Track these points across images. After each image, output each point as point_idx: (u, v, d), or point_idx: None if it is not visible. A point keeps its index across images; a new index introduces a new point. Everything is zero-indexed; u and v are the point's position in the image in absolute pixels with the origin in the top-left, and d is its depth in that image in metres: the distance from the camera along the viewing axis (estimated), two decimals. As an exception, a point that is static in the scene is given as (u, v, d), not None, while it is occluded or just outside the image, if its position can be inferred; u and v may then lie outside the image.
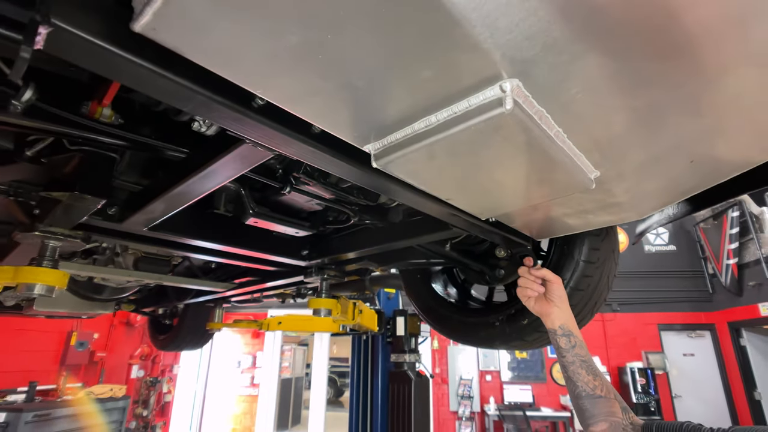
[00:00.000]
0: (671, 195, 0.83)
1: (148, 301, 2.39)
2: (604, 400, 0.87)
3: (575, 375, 0.90)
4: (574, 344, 0.92)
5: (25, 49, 0.35)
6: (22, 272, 0.92)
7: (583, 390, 0.89)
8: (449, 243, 1.31)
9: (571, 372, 0.91)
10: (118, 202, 0.92)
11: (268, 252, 1.20)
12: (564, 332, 0.93)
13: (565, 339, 0.92)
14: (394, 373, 2.71)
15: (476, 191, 0.68)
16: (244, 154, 0.62)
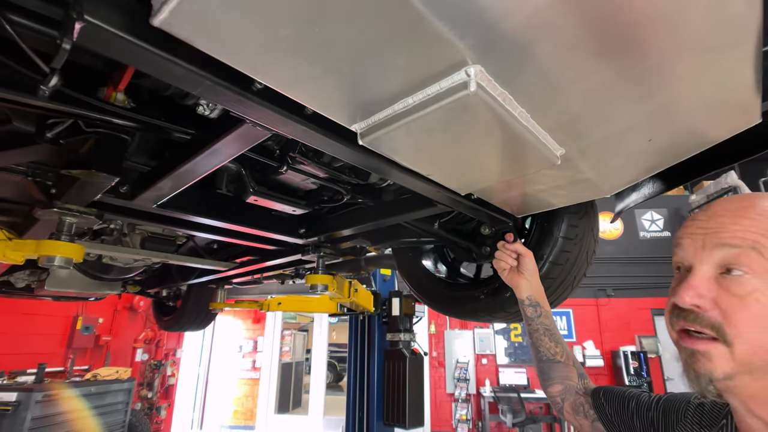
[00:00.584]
0: (636, 172, 0.91)
1: (152, 281, 2.48)
2: (562, 365, 0.97)
3: (539, 341, 1.00)
4: (540, 314, 1.01)
5: (67, 41, 0.43)
6: (44, 245, 1.00)
7: (544, 355, 0.99)
8: (437, 222, 1.40)
9: (535, 338, 1.01)
10: (129, 180, 1.00)
11: (267, 230, 1.28)
12: (531, 303, 1.03)
13: (531, 309, 1.02)
14: (390, 351, 2.83)
15: (453, 167, 0.76)
16: (244, 133, 0.69)
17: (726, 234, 0.55)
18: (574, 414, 0.92)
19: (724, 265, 0.55)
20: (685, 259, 0.59)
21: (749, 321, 0.51)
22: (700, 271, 0.56)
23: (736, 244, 0.54)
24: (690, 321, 0.56)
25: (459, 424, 8.01)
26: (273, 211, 1.32)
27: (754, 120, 0.80)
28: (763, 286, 0.51)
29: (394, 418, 2.68)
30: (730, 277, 0.54)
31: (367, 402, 2.88)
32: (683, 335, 0.57)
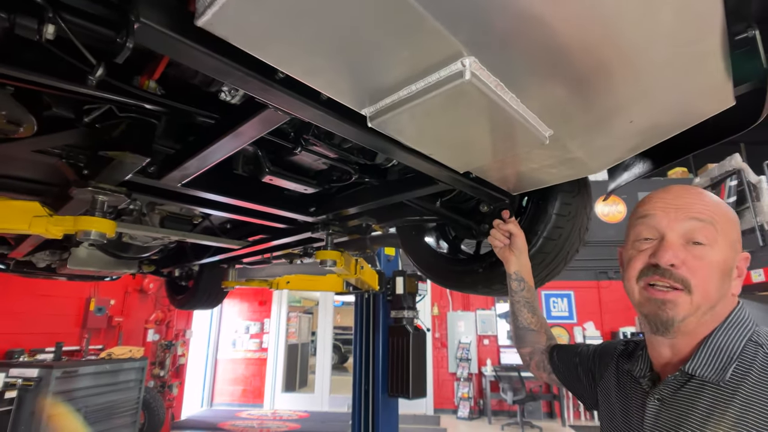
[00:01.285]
0: (621, 151, 0.99)
1: (167, 261, 2.60)
2: (535, 333, 1.15)
3: (519, 311, 1.16)
4: (523, 288, 1.15)
5: (130, 40, 0.51)
6: (81, 221, 1.10)
7: (521, 323, 1.16)
8: (439, 201, 1.49)
9: (516, 309, 1.17)
10: (156, 162, 1.10)
11: (280, 208, 1.38)
12: (517, 277, 1.16)
13: (516, 283, 1.16)
14: (394, 327, 2.95)
15: (452, 146, 0.85)
16: (267, 117, 0.78)
17: (694, 210, 0.71)
18: (537, 369, 1.14)
19: (690, 235, 0.70)
20: (659, 228, 0.73)
21: (704, 277, 0.68)
22: (672, 239, 0.71)
23: (701, 219, 0.70)
24: (666, 277, 0.70)
25: (461, 401, 8.25)
26: (285, 191, 1.41)
27: (728, 103, 0.87)
28: (712, 252, 0.69)
29: (397, 390, 2.83)
30: (695, 245, 0.70)
31: (372, 375, 3.02)
32: (650, 290, 0.72)
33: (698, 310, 0.68)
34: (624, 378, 0.84)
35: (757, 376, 0.63)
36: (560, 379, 1.06)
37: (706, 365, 0.67)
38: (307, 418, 8.02)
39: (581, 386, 0.99)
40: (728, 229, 0.71)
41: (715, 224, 0.69)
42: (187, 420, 7.60)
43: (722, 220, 0.71)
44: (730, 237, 0.71)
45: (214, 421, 7.52)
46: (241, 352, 9.21)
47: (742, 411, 0.61)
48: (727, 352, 0.66)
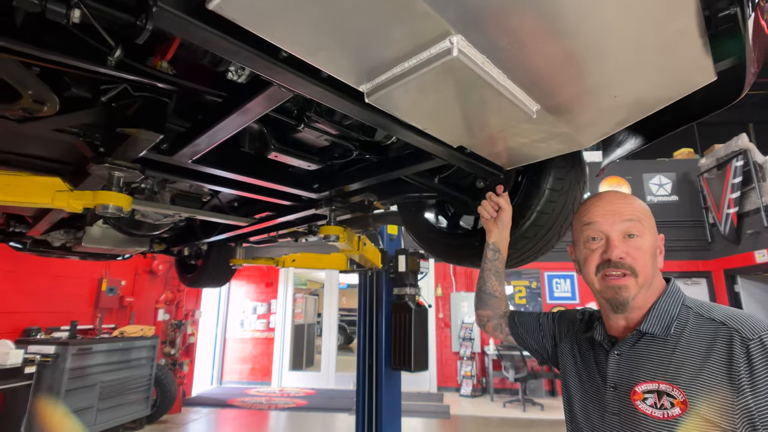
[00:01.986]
0: (608, 125, 1.04)
1: (177, 239, 2.69)
2: (497, 300, 1.29)
3: (488, 278, 1.29)
4: (497, 258, 1.28)
5: (150, 23, 0.57)
6: (100, 195, 1.18)
7: (488, 289, 1.29)
8: (437, 177, 1.55)
9: (486, 276, 1.29)
10: (168, 139, 1.16)
11: (285, 184, 1.45)
12: (494, 248, 1.28)
13: (492, 252, 1.28)
14: (396, 303, 3.05)
15: (444, 121, 0.90)
16: (272, 94, 0.84)
17: (627, 213, 0.94)
18: (493, 330, 1.30)
19: (627, 232, 0.93)
20: (602, 231, 0.95)
21: (643, 262, 0.91)
22: (617, 237, 0.93)
23: (632, 219, 0.93)
24: (619, 268, 0.91)
25: (464, 380, 8.45)
26: (290, 168, 1.48)
27: (709, 78, 0.92)
28: (643, 242, 0.92)
29: (400, 363, 2.94)
30: (631, 239, 0.92)
31: (375, 349, 3.13)
32: (607, 279, 0.93)
33: (642, 287, 0.90)
34: (583, 343, 1.05)
35: (690, 330, 0.85)
36: (516, 339, 1.25)
37: (656, 325, 0.88)
38: (313, 395, 8.27)
39: (540, 345, 1.19)
40: (650, 221, 0.95)
41: (641, 220, 0.93)
42: (197, 396, 7.86)
43: (645, 215, 0.94)
44: (651, 226, 0.94)
45: (223, 398, 7.78)
46: (249, 332, 9.44)
47: (682, 355, 0.83)
48: (668, 315, 0.88)
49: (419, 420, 6.64)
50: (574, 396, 1.01)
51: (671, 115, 1.24)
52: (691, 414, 0.77)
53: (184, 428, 6.03)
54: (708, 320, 0.84)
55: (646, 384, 0.84)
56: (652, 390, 0.83)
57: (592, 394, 0.96)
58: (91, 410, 4.86)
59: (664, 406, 0.80)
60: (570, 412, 1.02)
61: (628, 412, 0.86)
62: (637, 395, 0.85)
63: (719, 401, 0.75)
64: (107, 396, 5.08)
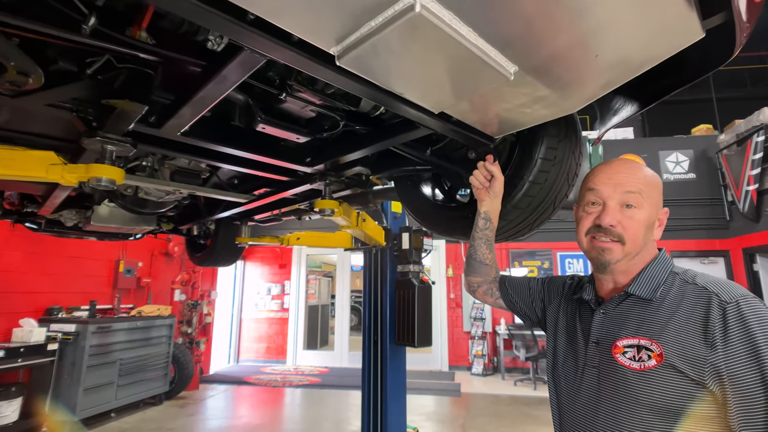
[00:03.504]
0: (593, 87, 1.02)
1: (183, 218, 2.75)
2: (488, 267, 1.33)
3: (478, 247, 1.32)
4: (488, 227, 1.30)
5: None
6: (92, 168, 1.21)
7: (478, 257, 1.32)
8: (429, 149, 1.54)
9: (477, 244, 1.32)
10: (155, 111, 1.18)
11: (277, 158, 1.46)
12: (485, 217, 1.30)
13: (483, 221, 1.31)
14: (400, 281, 3.08)
15: (420, 85, 0.89)
16: (245, 60, 0.84)
17: (629, 185, 0.96)
18: (483, 294, 1.34)
19: (625, 202, 0.96)
20: (601, 197, 0.99)
21: (633, 232, 0.95)
22: (613, 206, 0.96)
23: (632, 191, 0.96)
24: (608, 234, 0.96)
25: (475, 359, 8.54)
26: (281, 141, 1.49)
27: (697, 35, 0.89)
28: (639, 213, 0.95)
29: (404, 339, 2.98)
30: (627, 209, 0.95)
31: (381, 326, 3.18)
32: (595, 241, 0.98)
33: (628, 255, 0.95)
34: (571, 304, 1.10)
35: (674, 292, 0.89)
36: (506, 302, 1.29)
37: (643, 287, 0.93)
38: (327, 373, 8.47)
39: (529, 308, 1.23)
40: (652, 194, 0.97)
41: (641, 193, 0.95)
42: (215, 374, 8.14)
43: (648, 188, 0.96)
44: (653, 200, 0.96)
45: (240, 376, 8.03)
46: (264, 312, 9.67)
47: (664, 314, 0.87)
48: (656, 279, 0.93)
49: (431, 397, 6.75)
50: (558, 354, 1.06)
51: (664, 77, 1.21)
52: (665, 365, 0.82)
53: (201, 404, 6.27)
54: (691, 285, 0.88)
55: (627, 339, 0.89)
56: (632, 345, 0.87)
57: (574, 349, 1.01)
58: (112, 386, 5.09)
59: (642, 358, 0.85)
60: (553, 370, 1.06)
61: (608, 364, 0.91)
62: (617, 349, 0.89)
63: (692, 355, 0.80)
64: (127, 372, 5.31)
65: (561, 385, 1.02)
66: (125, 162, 1.76)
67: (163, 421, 5.37)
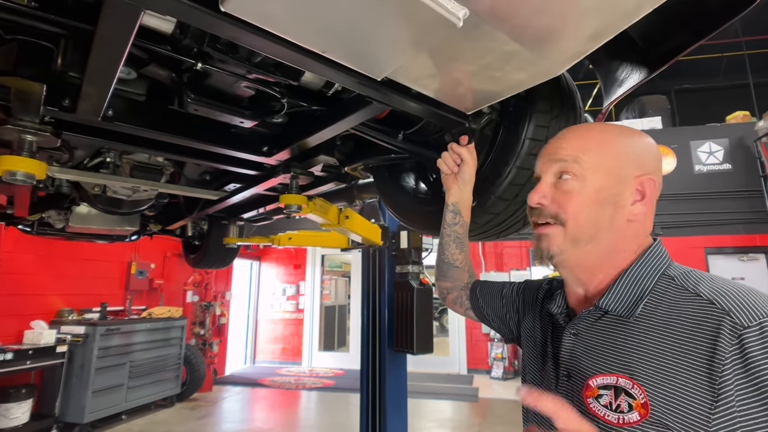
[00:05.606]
0: (576, 40, 0.79)
1: (166, 217, 2.64)
2: (458, 270, 1.11)
3: (447, 246, 1.11)
4: (458, 222, 1.09)
5: None
6: (4, 160, 1.07)
7: (447, 258, 1.11)
8: (402, 133, 1.34)
9: (445, 242, 1.11)
10: (71, 93, 1.03)
11: (227, 147, 1.29)
12: (454, 209, 1.09)
13: (452, 215, 1.09)
14: (399, 282, 2.88)
15: (346, 40, 0.70)
16: (124, 13, 0.67)
17: (560, 153, 0.75)
18: (453, 303, 1.13)
19: (560, 172, 0.74)
20: (538, 172, 0.79)
21: (573, 209, 0.71)
22: (545, 180, 0.76)
23: (565, 159, 0.73)
24: (541, 215, 0.75)
25: (494, 362, 8.22)
26: (232, 128, 1.32)
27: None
28: (579, 185, 0.72)
29: (402, 345, 2.78)
30: (561, 180, 0.74)
31: (378, 331, 2.99)
32: (534, 227, 0.77)
33: (576, 242, 0.71)
34: (545, 318, 0.85)
35: (667, 308, 0.62)
36: (476, 314, 1.07)
37: (619, 300, 0.67)
38: (342, 375, 8.34)
39: (503, 322, 1.00)
40: (603, 159, 0.72)
41: (580, 161, 0.72)
42: (230, 376, 8.13)
43: (592, 153, 0.73)
44: (606, 166, 0.72)
45: (254, 377, 8.00)
46: (279, 313, 9.63)
47: (651, 341, 0.61)
48: (638, 288, 0.67)
49: (447, 402, 6.51)
50: (531, 385, 0.81)
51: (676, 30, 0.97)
52: (651, 422, 0.57)
53: (213, 407, 6.24)
54: (693, 295, 0.61)
55: (602, 377, 0.64)
56: (608, 385, 0.63)
57: (544, 381, 0.77)
58: (122, 388, 5.09)
59: (621, 408, 0.60)
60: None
61: (579, 411, 0.64)
62: (590, 390, 0.65)
63: (689, 411, 0.55)
64: (137, 375, 5.30)
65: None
66: (88, 159, 1.64)
67: (172, 424, 5.34)
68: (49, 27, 0.87)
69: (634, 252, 0.70)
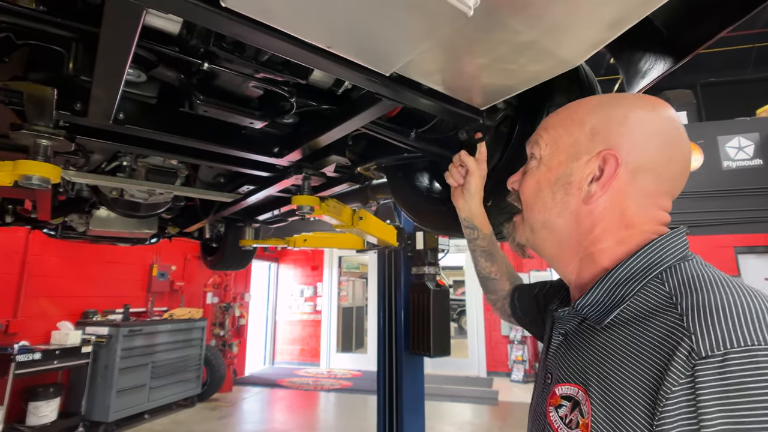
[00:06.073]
0: (596, 28, 0.75)
1: (183, 220, 2.67)
2: (496, 281, 1.05)
3: (476, 260, 1.06)
4: (477, 237, 1.03)
5: None
6: (20, 165, 1.08)
7: (480, 272, 1.07)
8: (414, 132, 1.30)
9: (474, 257, 1.07)
10: (82, 97, 1.03)
11: (237, 148, 1.28)
12: (468, 225, 1.03)
13: (468, 231, 1.04)
14: (415, 284, 2.84)
15: (351, 33, 0.67)
16: (127, 12, 0.66)
17: (535, 133, 0.71)
18: (502, 313, 1.09)
19: (531, 155, 0.71)
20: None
21: (527, 192, 0.68)
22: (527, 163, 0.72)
23: (531, 140, 0.71)
24: (514, 202, 0.74)
25: (515, 364, 8.08)
26: (243, 129, 1.31)
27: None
28: (536, 165, 0.68)
29: (419, 348, 2.74)
30: (528, 162, 0.71)
31: (395, 333, 2.96)
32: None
33: (532, 229, 0.67)
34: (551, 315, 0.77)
35: (639, 320, 0.51)
36: (517, 321, 1.02)
37: (592, 305, 0.58)
38: (360, 376, 8.33)
39: (538, 326, 0.92)
40: (560, 135, 0.66)
41: (540, 140, 0.68)
42: (249, 376, 8.22)
43: (552, 130, 0.67)
44: (561, 142, 0.65)
45: (273, 378, 8.06)
46: (298, 315, 9.70)
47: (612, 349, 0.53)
48: (618, 292, 0.56)
49: (466, 405, 6.43)
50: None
51: (699, 18, 0.91)
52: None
53: (233, 407, 6.31)
54: (671, 306, 0.49)
55: (567, 386, 0.58)
56: (569, 396, 0.57)
57: (537, 384, 0.71)
58: (144, 388, 5.19)
59: (571, 423, 0.54)
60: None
61: (541, 418, 0.62)
62: (554, 398, 0.60)
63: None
64: (159, 375, 5.40)
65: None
66: (105, 162, 1.66)
67: (193, 423, 5.42)
68: (58, 30, 0.87)
69: (616, 246, 0.59)
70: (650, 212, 0.60)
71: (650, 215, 0.60)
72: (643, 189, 0.59)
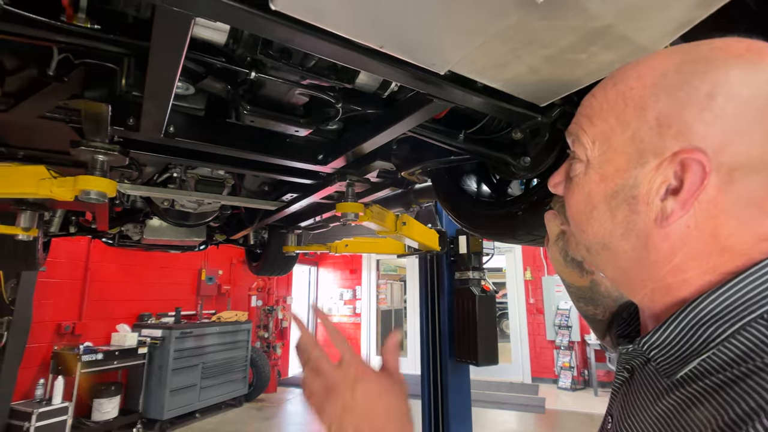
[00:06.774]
0: (683, 5, 0.66)
1: (230, 228, 2.73)
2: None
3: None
4: (569, 285, 0.88)
5: None
6: (80, 180, 1.12)
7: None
8: (463, 133, 1.24)
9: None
10: (134, 113, 1.05)
11: (283, 157, 1.27)
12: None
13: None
14: (459, 289, 2.75)
15: (404, 31, 0.62)
16: (170, 18, 0.65)
17: (574, 120, 0.51)
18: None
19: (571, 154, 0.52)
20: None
21: (572, 206, 0.51)
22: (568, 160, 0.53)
23: (570, 131, 0.51)
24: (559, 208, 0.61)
25: (562, 371, 7.74)
26: (288, 138, 1.29)
27: None
28: (582, 171, 0.49)
29: (465, 356, 2.65)
30: (572, 163, 0.51)
31: (439, 340, 2.88)
32: None
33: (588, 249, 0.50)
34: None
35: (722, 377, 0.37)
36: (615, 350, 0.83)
37: (663, 347, 0.43)
38: (401, 380, 8.26)
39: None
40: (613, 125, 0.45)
41: (582, 135, 0.48)
42: (292, 377, 8.36)
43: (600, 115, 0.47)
44: (616, 137, 0.45)
45: (316, 380, 8.15)
46: (337, 317, 9.78)
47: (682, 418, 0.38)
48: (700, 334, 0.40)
49: (511, 413, 6.22)
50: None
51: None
52: None
53: (278, 407, 6.43)
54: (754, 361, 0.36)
55: None
56: None
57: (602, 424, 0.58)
58: (195, 388, 5.39)
59: None
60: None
61: None
62: None
63: None
64: (208, 375, 5.60)
65: None
66: (157, 175, 1.71)
67: (240, 423, 5.57)
68: (112, 47, 0.88)
69: (703, 275, 0.42)
70: (757, 228, 0.40)
71: (757, 232, 0.40)
72: (746, 196, 0.40)
